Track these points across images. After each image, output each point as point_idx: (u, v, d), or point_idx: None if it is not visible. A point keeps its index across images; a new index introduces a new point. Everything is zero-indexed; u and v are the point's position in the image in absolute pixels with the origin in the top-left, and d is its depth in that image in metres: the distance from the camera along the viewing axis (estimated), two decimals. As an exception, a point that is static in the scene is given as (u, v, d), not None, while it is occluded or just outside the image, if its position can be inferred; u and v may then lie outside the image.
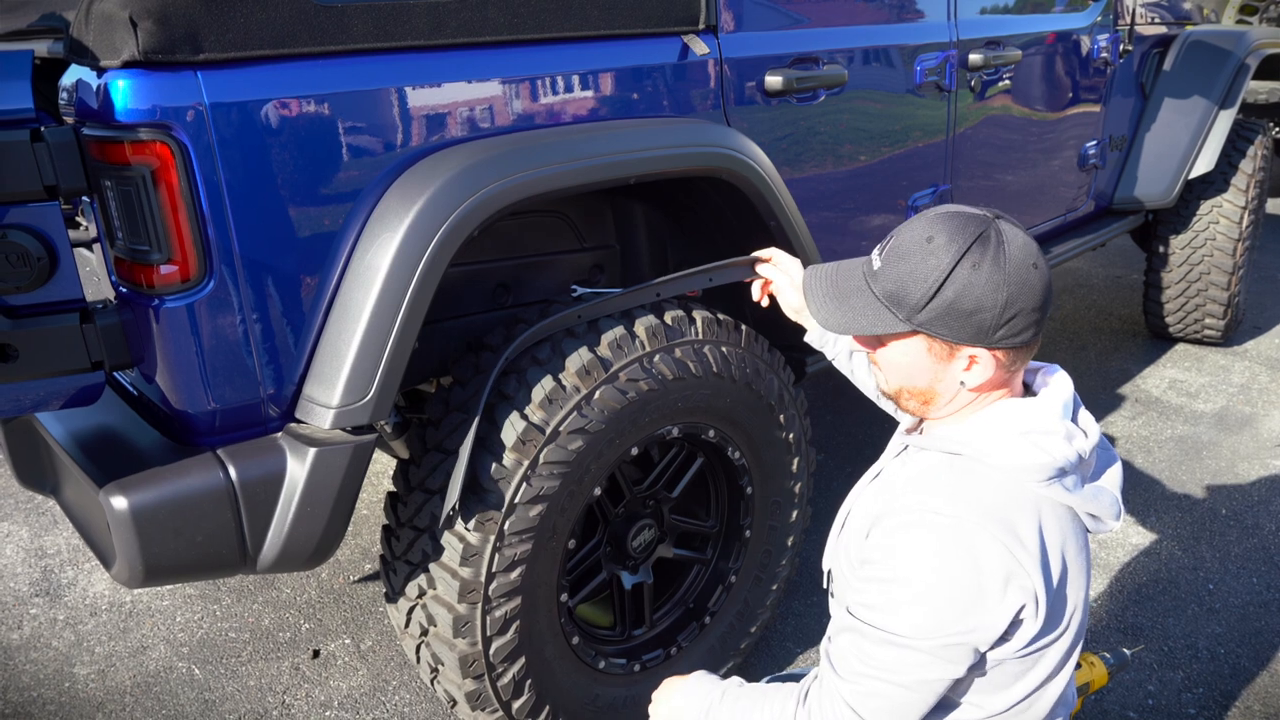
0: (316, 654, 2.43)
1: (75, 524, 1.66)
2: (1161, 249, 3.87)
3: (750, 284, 1.76)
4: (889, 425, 1.50)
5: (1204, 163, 3.53)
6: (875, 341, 1.19)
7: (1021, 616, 1.08)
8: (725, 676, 2.15)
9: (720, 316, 1.90)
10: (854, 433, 3.46)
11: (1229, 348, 4.15)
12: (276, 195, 1.40)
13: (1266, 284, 4.86)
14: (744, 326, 1.95)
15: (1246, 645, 2.34)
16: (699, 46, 1.87)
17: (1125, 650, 1.95)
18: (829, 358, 1.70)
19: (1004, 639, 1.09)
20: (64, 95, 1.47)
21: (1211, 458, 3.24)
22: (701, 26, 1.87)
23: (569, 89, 1.71)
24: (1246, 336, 4.25)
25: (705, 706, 1.27)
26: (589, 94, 1.74)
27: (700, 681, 1.33)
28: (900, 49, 2.35)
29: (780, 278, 1.70)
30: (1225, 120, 3.54)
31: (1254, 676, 2.24)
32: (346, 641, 2.47)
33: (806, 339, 1.71)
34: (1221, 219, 3.74)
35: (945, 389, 1.16)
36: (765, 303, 1.75)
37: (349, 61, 1.44)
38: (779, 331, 1.98)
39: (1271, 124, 4.40)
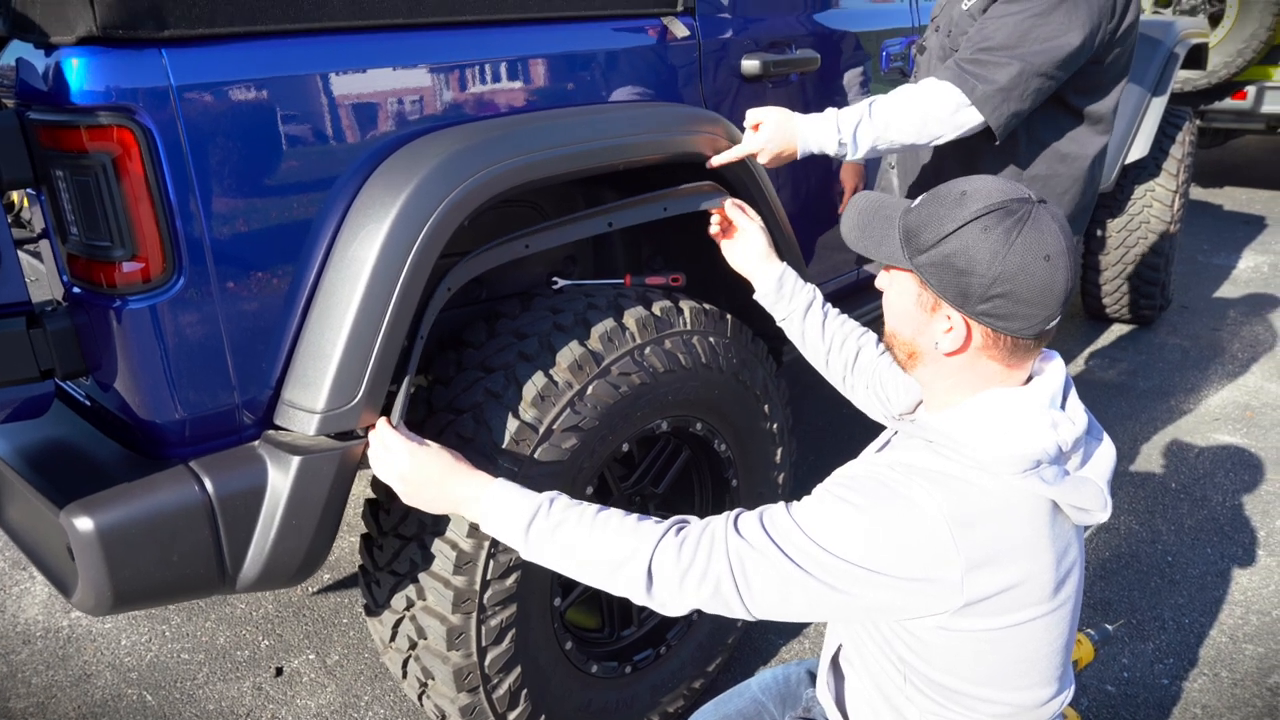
0: (280, 671, 2.30)
1: (24, 549, 1.52)
2: (1099, 232, 3.99)
3: (711, 220, 1.72)
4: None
5: (1139, 148, 3.64)
6: (886, 272, 1.22)
7: (944, 609, 1.06)
8: (715, 672, 2.15)
9: (706, 306, 1.86)
10: (848, 425, 3.47)
11: (1161, 327, 4.31)
12: (250, 184, 1.29)
13: (1189, 265, 5.07)
14: (729, 316, 1.91)
15: (1208, 614, 2.42)
16: (678, 29, 1.82)
17: (1108, 626, 1.98)
18: (779, 319, 1.67)
19: (929, 618, 1.08)
20: (2, 76, 1.33)
21: (1156, 434, 3.35)
22: (680, 9, 1.82)
23: (549, 71, 1.63)
24: (1176, 315, 4.42)
25: (529, 515, 1.19)
26: (570, 76, 1.66)
27: (509, 488, 1.24)
28: (867, 34, 2.35)
29: (749, 229, 1.67)
30: (1158, 107, 3.65)
31: (1218, 643, 2.31)
32: (311, 657, 2.35)
33: (756, 296, 1.68)
34: (1155, 202, 3.87)
35: (924, 346, 1.15)
36: (718, 237, 1.72)
37: (326, 40, 1.34)
38: (759, 321, 1.94)
39: (1192, 111, 4.57)
